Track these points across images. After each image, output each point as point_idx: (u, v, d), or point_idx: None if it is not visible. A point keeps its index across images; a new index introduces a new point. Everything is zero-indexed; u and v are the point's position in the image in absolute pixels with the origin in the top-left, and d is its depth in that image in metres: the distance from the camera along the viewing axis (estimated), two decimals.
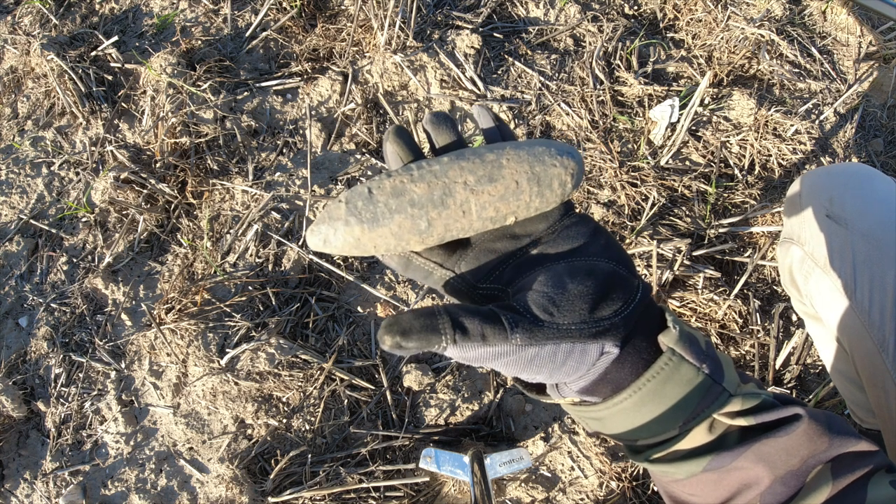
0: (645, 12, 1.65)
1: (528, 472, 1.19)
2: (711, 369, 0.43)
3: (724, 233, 1.35)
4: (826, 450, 0.43)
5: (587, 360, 0.42)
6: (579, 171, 0.47)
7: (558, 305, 0.41)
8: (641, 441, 0.45)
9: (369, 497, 1.16)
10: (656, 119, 1.44)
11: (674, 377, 0.42)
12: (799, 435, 0.43)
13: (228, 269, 1.34)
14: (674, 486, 0.47)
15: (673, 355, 0.42)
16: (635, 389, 0.42)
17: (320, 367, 1.23)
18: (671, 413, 0.43)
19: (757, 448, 0.43)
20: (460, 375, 1.26)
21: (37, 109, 1.59)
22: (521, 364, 0.41)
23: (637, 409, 0.43)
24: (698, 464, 0.43)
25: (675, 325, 0.43)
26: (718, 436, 0.43)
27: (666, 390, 0.42)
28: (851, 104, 1.52)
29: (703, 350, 0.43)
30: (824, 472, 0.43)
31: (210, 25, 1.62)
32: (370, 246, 0.44)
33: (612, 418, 0.44)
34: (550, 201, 0.46)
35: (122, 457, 1.25)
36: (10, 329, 1.37)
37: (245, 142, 1.47)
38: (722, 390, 0.43)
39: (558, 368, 0.42)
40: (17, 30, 1.68)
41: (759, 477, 0.43)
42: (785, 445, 0.43)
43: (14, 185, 1.51)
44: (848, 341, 0.77)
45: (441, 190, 0.44)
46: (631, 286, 0.44)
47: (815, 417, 0.44)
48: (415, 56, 1.48)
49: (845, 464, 0.43)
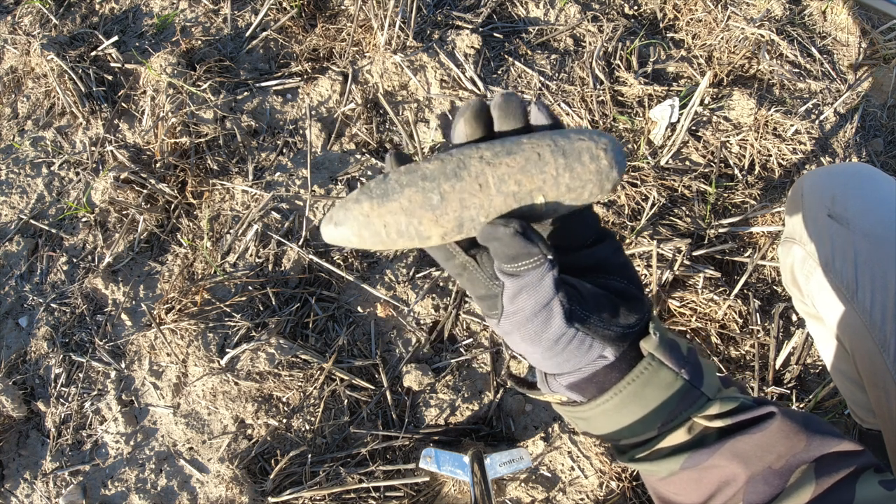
0: (645, 12, 1.65)
1: (528, 472, 1.19)
2: (691, 374, 0.45)
3: (724, 233, 1.35)
4: (805, 448, 0.45)
5: (587, 357, 0.44)
6: (615, 147, 0.42)
7: (588, 300, 0.44)
8: (624, 441, 0.47)
9: (369, 497, 1.16)
10: (656, 119, 1.44)
11: (653, 381, 0.44)
12: (773, 431, 0.45)
13: (228, 269, 1.34)
14: (659, 485, 0.49)
15: (652, 360, 0.44)
16: (616, 392, 0.45)
17: (320, 367, 1.23)
18: (650, 415, 0.45)
19: (731, 445, 0.44)
20: (460, 375, 1.26)
21: (37, 109, 1.59)
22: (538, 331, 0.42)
23: (618, 411, 0.45)
24: (676, 461, 0.45)
25: (656, 332, 0.45)
26: (696, 436, 0.45)
27: (645, 393, 0.44)
28: (851, 104, 1.52)
29: (683, 356, 0.46)
30: (807, 472, 0.44)
31: (210, 25, 1.62)
32: (380, 224, 0.42)
33: (597, 419, 0.47)
34: (585, 179, 0.42)
35: (122, 457, 1.25)
36: (10, 329, 1.37)
37: (245, 142, 1.47)
38: (700, 394, 0.45)
39: (559, 353, 0.43)
40: (17, 30, 1.68)
41: (735, 474, 0.44)
42: (759, 442, 0.44)
43: (14, 185, 1.50)
44: (849, 341, 0.77)
45: (455, 164, 0.41)
46: (644, 306, 0.46)
47: (789, 415, 0.46)
48: (415, 56, 1.48)
49: (829, 464, 0.44)
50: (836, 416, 1.21)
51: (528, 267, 0.41)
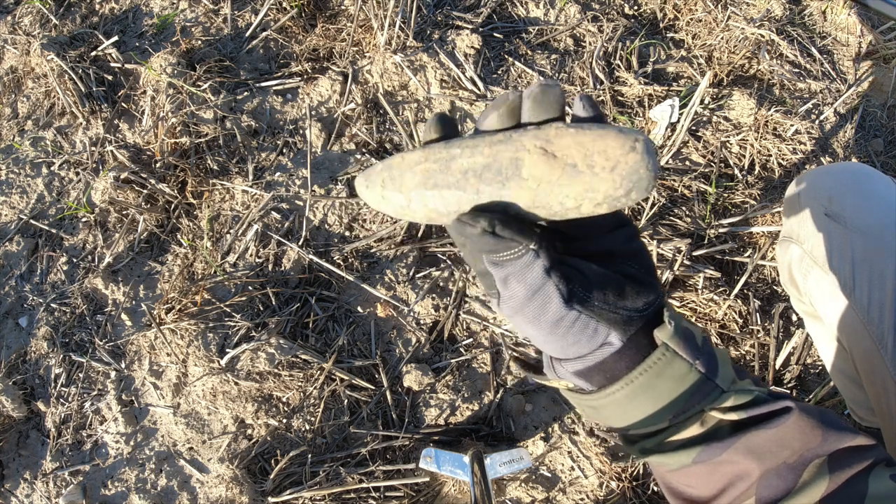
0: (645, 12, 1.65)
1: (528, 472, 1.19)
2: (706, 365, 0.44)
3: (724, 233, 1.35)
4: (820, 444, 0.44)
5: (591, 342, 0.43)
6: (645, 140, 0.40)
7: (592, 282, 0.42)
8: (634, 431, 0.46)
9: (369, 497, 1.16)
10: (656, 119, 1.44)
11: (666, 372, 0.43)
12: (789, 427, 0.44)
13: (228, 269, 1.34)
14: (669, 476, 0.48)
15: (666, 350, 0.43)
16: (627, 382, 0.43)
17: (320, 367, 1.23)
18: (663, 407, 0.43)
19: (746, 440, 0.43)
20: (460, 375, 1.26)
21: (37, 109, 1.59)
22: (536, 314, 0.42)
23: (629, 401, 0.44)
24: (688, 455, 0.44)
25: (671, 321, 0.43)
26: (709, 428, 0.44)
27: (658, 384, 0.43)
28: (851, 104, 1.52)
29: (698, 346, 0.44)
30: (821, 467, 0.43)
31: (210, 25, 1.62)
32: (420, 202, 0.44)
33: (606, 408, 0.45)
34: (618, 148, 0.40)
35: (122, 457, 1.25)
36: (10, 329, 1.37)
37: (245, 142, 1.47)
38: (714, 387, 0.44)
39: (562, 336, 0.43)
40: (17, 30, 1.68)
41: (748, 469, 0.44)
42: (774, 437, 0.43)
43: (14, 185, 1.51)
44: (847, 339, 0.78)
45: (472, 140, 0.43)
46: (654, 291, 0.45)
47: (806, 411, 0.45)
48: (415, 56, 1.48)
49: (842, 458, 0.43)
50: None
51: (511, 258, 0.40)
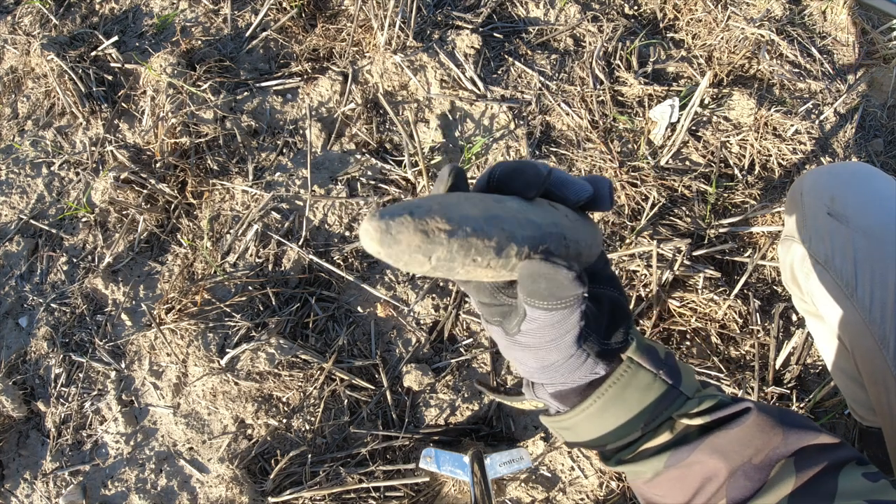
0: (645, 12, 1.65)
1: (528, 472, 1.19)
2: (669, 375, 0.47)
3: (724, 233, 1.35)
4: (783, 442, 0.46)
5: (581, 372, 0.45)
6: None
7: (590, 319, 0.44)
8: (610, 445, 0.49)
9: (369, 497, 1.16)
10: (656, 119, 1.44)
11: (632, 382, 0.46)
12: (749, 425, 0.46)
13: (228, 269, 1.34)
14: (645, 489, 0.50)
15: (631, 363, 0.46)
16: (599, 395, 0.46)
17: (320, 367, 1.23)
18: (633, 416, 0.47)
19: (711, 441, 0.46)
20: (460, 375, 1.26)
21: (37, 109, 1.59)
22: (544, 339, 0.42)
23: (601, 414, 0.47)
24: (660, 460, 0.46)
25: (632, 338, 0.47)
26: (678, 434, 0.46)
27: (626, 395, 0.46)
28: (851, 104, 1.52)
29: (660, 359, 0.48)
30: (787, 466, 0.45)
31: (210, 25, 1.62)
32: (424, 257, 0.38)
33: (581, 425, 0.48)
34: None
35: (122, 457, 1.25)
36: (10, 329, 1.37)
37: (245, 142, 1.47)
38: (679, 394, 0.47)
39: (557, 370, 0.45)
40: (17, 30, 1.68)
41: (716, 469, 0.46)
42: (737, 436, 0.46)
43: (14, 185, 1.51)
44: (849, 339, 0.77)
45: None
46: (628, 316, 0.48)
47: (765, 410, 0.47)
48: (415, 56, 1.48)
49: (808, 457, 0.45)
50: (836, 416, 1.20)
51: (565, 305, 0.39)
